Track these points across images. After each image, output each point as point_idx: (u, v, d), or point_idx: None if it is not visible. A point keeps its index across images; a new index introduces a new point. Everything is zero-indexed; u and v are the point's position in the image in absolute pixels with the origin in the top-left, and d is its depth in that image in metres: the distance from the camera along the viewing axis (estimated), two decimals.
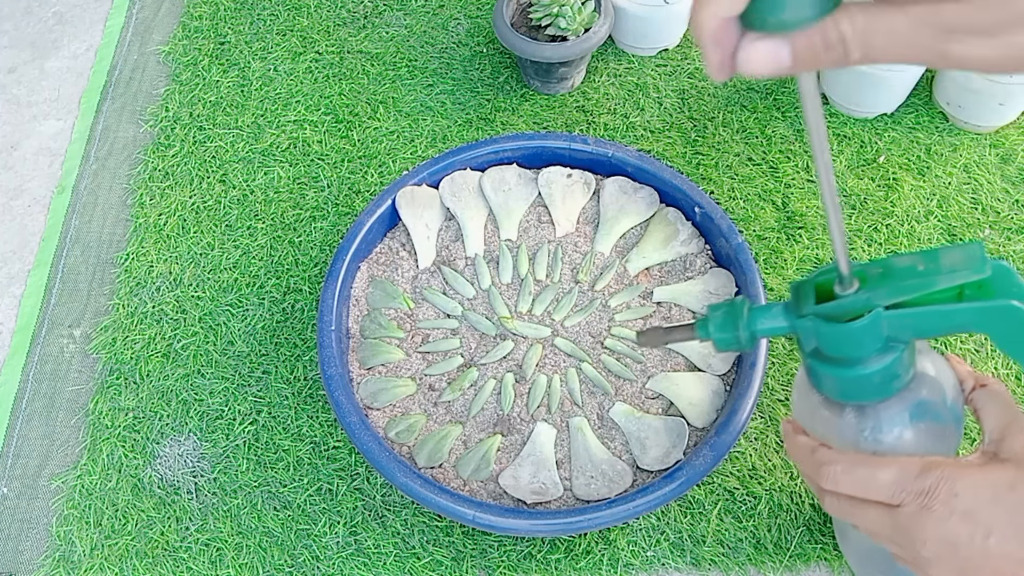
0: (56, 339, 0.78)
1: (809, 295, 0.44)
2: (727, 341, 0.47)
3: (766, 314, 0.46)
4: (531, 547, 0.66)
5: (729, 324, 0.46)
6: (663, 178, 0.75)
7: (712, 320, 0.47)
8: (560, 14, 0.83)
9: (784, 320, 0.45)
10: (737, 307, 0.46)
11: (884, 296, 0.41)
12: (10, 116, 0.94)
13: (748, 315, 0.46)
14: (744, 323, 0.46)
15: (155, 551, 0.67)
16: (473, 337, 0.72)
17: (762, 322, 0.45)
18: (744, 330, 0.46)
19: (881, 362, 0.43)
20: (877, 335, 0.42)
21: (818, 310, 0.43)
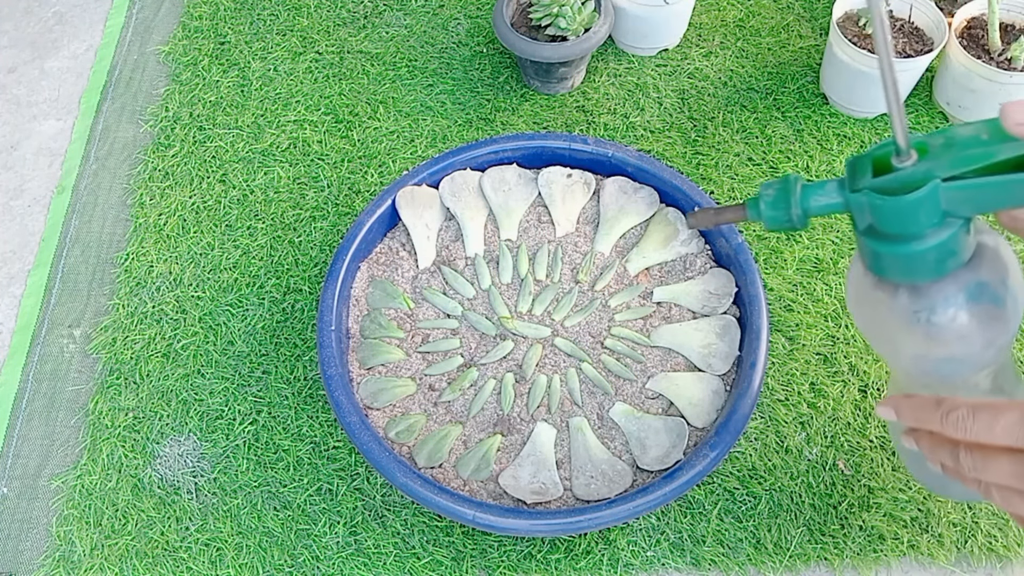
0: (56, 339, 0.78)
1: (865, 169, 0.42)
2: (779, 219, 0.45)
3: (819, 190, 0.44)
4: (531, 547, 0.66)
5: (781, 201, 0.45)
6: (663, 178, 0.75)
7: (764, 198, 0.45)
8: (560, 14, 0.83)
9: (838, 195, 0.43)
10: (790, 183, 0.45)
11: (944, 167, 0.39)
12: (10, 116, 0.94)
13: (801, 192, 0.44)
14: (797, 200, 0.44)
15: (155, 551, 0.67)
16: (473, 337, 0.72)
17: (815, 198, 0.44)
18: (797, 207, 0.44)
19: (937, 238, 0.41)
20: (934, 208, 0.40)
21: (874, 183, 0.41)
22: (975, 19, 0.84)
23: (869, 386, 0.72)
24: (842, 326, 0.75)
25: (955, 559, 0.65)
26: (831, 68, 0.86)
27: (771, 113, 0.89)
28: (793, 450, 0.69)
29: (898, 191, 0.40)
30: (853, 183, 0.43)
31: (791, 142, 0.86)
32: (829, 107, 0.89)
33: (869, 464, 0.69)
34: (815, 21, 0.96)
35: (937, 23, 0.83)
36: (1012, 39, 0.82)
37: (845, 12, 0.86)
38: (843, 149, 0.85)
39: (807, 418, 0.71)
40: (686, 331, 0.70)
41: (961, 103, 0.84)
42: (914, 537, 0.66)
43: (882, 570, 0.65)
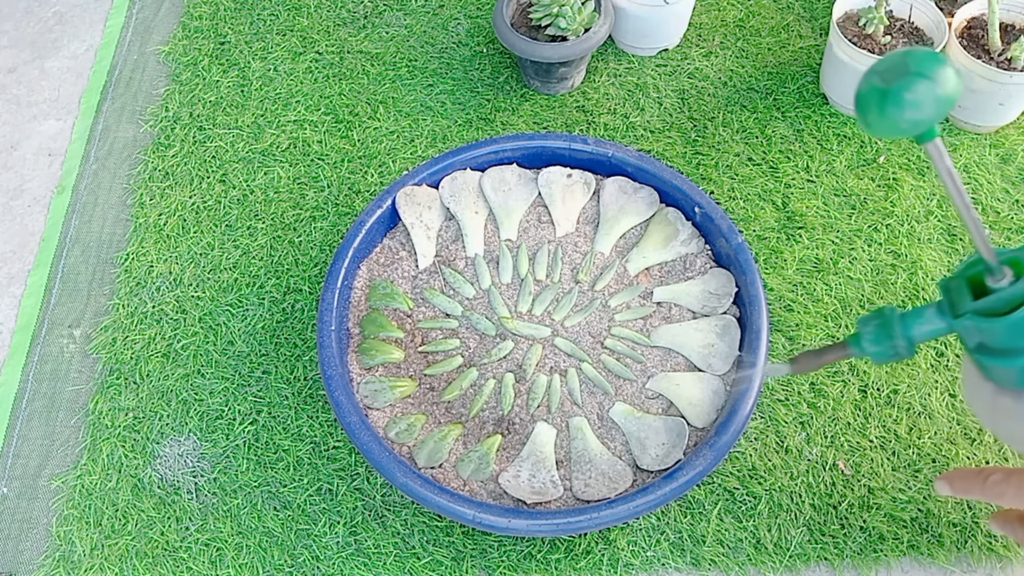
0: (56, 339, 0.78)
1: (963, 291, 0.43)
2: (884, 354, 0.46)
3: (920, 318, 0.44)
4: (531, 547, 0.66)
5: (884, 336, 0.45)
6: (663, 178, 0.75)
7: (865, 335, 0.46)
8: (560, 14, 0.83)
9: (941, 321, 0.44)
10: (888, 317, 0.45)
11: None
12: (10, 116, 0.94)
13: (901, 323, 0.45)
14: (900, 331, 0.45)
15: (155, 551, 0.67)
16: (473, 337, 0.72)
17: (918, 327, 0.44)
18: (901, 338, 0.45)
19: None
20: None
21: (977, 307, 0.42)
22: (975, 19, 0.84)
23: (869, 386, 0.72)
24: (842, 326, 0.75)
25: (955, 559, 0.65)
26: (831, 68, 0.86)
27: (771, 113, 0.89)
28: (793, 450, 0.69)
29: (1001, 310, 0.41)
30: (954, 308, 0.43)
31: (791, 142, 0.86)
32: (829, 107, 0.89)
33: (869, 464, 0.69)
34: (815, 21, 0.96)
35: (937, 23, 0.83)
36: (1012, 39, 0.82)
37: (845, 12, 0.86)
38: (843, 149, 0.85)
39: (807, 418, 0.71)
40: (686, 331, 0.70)
41: (961, 103, 0.84)
42: (914, 537, 0.66)
43: (882, 570, 0.65)
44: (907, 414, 0.71)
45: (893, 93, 0.38)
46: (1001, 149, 0.84)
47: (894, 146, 0.85)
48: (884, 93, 0.38)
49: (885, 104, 0.38)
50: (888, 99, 0.38)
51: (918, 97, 0.38)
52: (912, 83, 0.38)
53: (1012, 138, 0.85)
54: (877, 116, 0.39)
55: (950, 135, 0.86)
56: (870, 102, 0.39)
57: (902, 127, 0.39)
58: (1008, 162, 0.84)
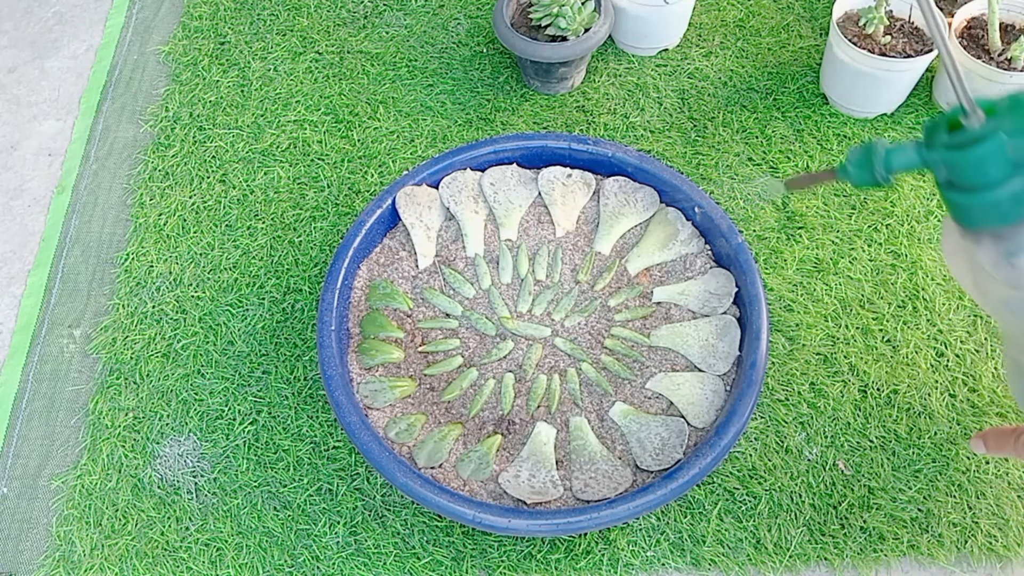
0: (56, 339, 0.78)
1: (940, 130, 0.47)
2: (865, 179, 0.50)
3: (899, 151, 0.48)
4: (531, 547, 0.66)
5: (866, 163, 0.49)
6: (663, 178, 0.75)
7: (851, 161, 0.50)
8: (560, 14, 0.83)
9: (916, 154, 0.48)
10: (872, 146, 0.49)
11: (1008, 124, 0.43)
12: (10, 116, 0.94)
13: (884, 153, 0.49)
14: (880, 160, 0.48)
15: (155, 551, 0.67)
16: (473, 337, 0.72)
17: (896, 158, 0.48)
18: (880, 166, 0.49)
19: (1011, 186, 0.44)
20: (1002, 158, 0.44)
21: (946, 141, 0.45)
22: (975, 19, 0.84)
23: (869, 386, 0.72)
24: (842, 326, 0.75)
25: (955, 559, 0.65)
26: (831, 68, 0.86)
27: (771, 113, 0.88)
28: (793, 450, 0.69)
29: (968, 145, 0.44)
30: (929, 142, 0.47)
31: (791, 142, 0.86)
32: (829, 107, 0.89)
33: (869, 464, 0.69)
34: (815, 21, 0.96)
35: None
36: (1012, 39, 0.82)
37: (845, 12, 0.86)
38: (843, 149, 0.85)
39: (807, 418, 0.71)
40: (686, 331, 0.70)
41: None
42: (914, 537, 0.66)
43: (882, 570, 0.65)
44: (907, 414, 0.71)
45: None
46: None
47: None
48: None
49: None
50: None
51: None
52: None
53: None
54: None
55: None
56: None
57: None
58: None
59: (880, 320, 0.75)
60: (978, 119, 0.44)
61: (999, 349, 0.73)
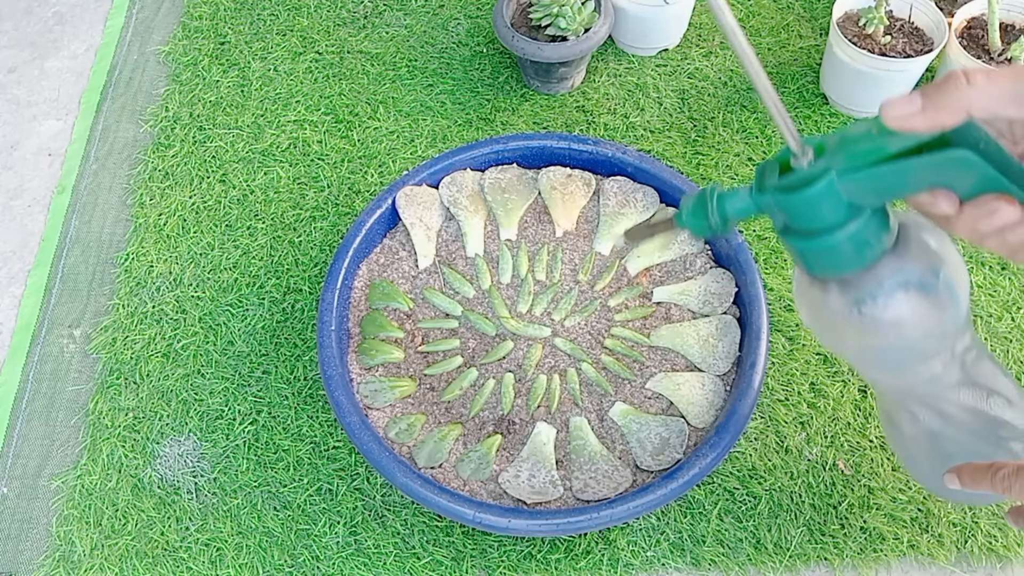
0: (56, 339, 0.78)
1: (772, 173, 0.44)
2: (701, 227, 0.48)
3: (732, 197, 0.46)
4: (531, 547, 0.66)
5: (700, 211, 0.47)
6: (663, 178, 0.75)
7: (684, 210, 0.49)
8: (560, 14, 0.83)
9: (749, 199, 0.46)
10: (706, 194, 0.47)
11: (840, 162, 0.41)
12: (10, 116, 0.94)
13: (716, 200, 0.47)
14: (713, 208, 0.47)
15: (155, 551, 0.67)
16: (473, 337, 0.72)
17: (730, 204, 0.46)
18: (714, 214, 0.47)
19: (848, 229, 0.42)
20: (836, 200, 0.41)
21: (776, 184, 0.43)
22: (975, 19, 0.84)
23: (869, 386, 0.72)
24: None
25: (955, 559, 0.65)
26: (831, 68, 0.86)
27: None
28: (793, 450, 0.69)
29: (798, 187, 0.41)
30: (760, 185, 0.45)
31: None
32: (829, 107, 0.89)
33: (869, 464, 0.69)
34: (815, 21, 0.96)
35: (937, 23, 0.83)
36: (1012, 39, 0.82)
37: (845, 12, 0.86)
38: None
39: (807, 418, 0.71)
40: (686, 331, 0.70)
41: None
42: (914, 537, 0.66)
43: (882, 570, 0.65)
44: None
45: None
46: None
47: None
48: None
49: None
50: None
51: None
52: None
53: None
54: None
55: None
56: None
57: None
58: None
59: None
60: (807, 159, 0.42)
61: None
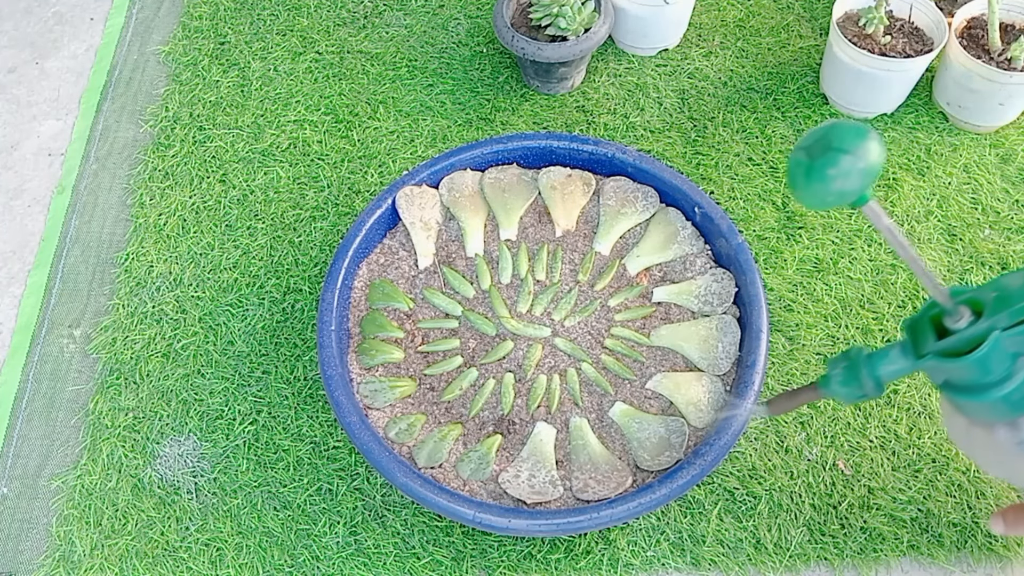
0: (56, 339, 0.78)
1: (926, 331, 0.44)
2: (853, 394, 0.47)
3: (886, 359, 0.46)
4: (531, 547, 0.66)
5: (852, 377, 0.47)
6: (663, 178, 0.75)
7: (834, 377, 0.48)
8: (560, 14, 0.83)
9: (905, 362, 0.45)
10: (855, 359, 0.47)
11: (1003, 321, 0.41)
12: (10, 116, 0.94)
13: (867, 365, 0.46)
14: (867, 372, 0.46)
15: (155, 551, 0.67)
16: (473, 337, 0.72)
17: (884, 367, 0.46)
18: (868, 379, 0.46)
19: (1016, 380, 0.42)
20: (1002, 356, 0.42)
21: (938, 347, 0.43)
22: (975, 19, 0.84)
23: None
24: (842, 326, 0.75)
25: (955, 559, 0.65)
26: (831, 68, 0.86)
27: (771, 113, 0.88)
28: (793, 450, 0.69)
29: (961, 350, 0.42)
30: (917, 348, 0.44)
31: (791, 142, 0.86)
32: (829, 107, 0.89)
33: (869, 464, 0.69)
34: (815, 21, 0.96)
35: (937, 23, 0.83)
36: (1012, 39, 0.82)
37: (845, 12, 0.86)
38: None
39: (807, 418, 0.71)
40: (686, 331, 0.70)
41: (961, 103, 0.84)
42: (914, 537, 0.65)
43: (882, 570, 0.65)
44: (907, 414, 0.71)
45: (817, 169, 0.39)
46: (1001, 149, 0.84)
47: (894, 147, 0.85)
48: (809, 168, 0.39)
49: (810, 179, 0.39)
50: (812, 174, 0.39)
51: (841, 171, 0.38)
52: (835, 159, 0.38)
53: (1012, 138, 0.85)
54: (804, 189, 0.40)
55: (950, 135, 0.86)
56: (797, 176, 0.40)
57: (828, 200, 0.40)
58: (1008, 162, 0.84)
59: (880, 320, 0.75)
60: (964, 319, 0.42)
61: None
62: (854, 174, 0.38)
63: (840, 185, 0.39)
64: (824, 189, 0.39)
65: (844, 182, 0.39)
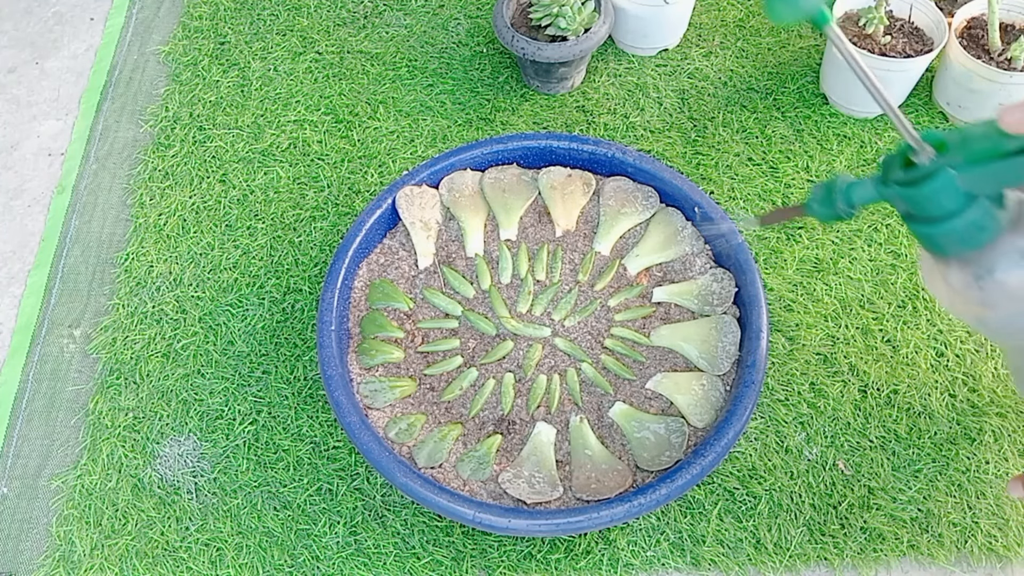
0: (56, 339, 0.78)
1: (896, 166, 0.48)
2: (829, 214, 0.52)
3: (859, 187, 0.51)
4: (531, 547, 0.66)
5: (828, 199, 0.52)
6: (663, 178, 0.75)
7: (813, 198, 0.53)
8: (560, 14, 0.83)
9: (873, 189, 0.50)
10: (833, 182, 0.52)
11: (959, 159, 0.45)
12: (10, 116, 0.94)
13: (843, 188, 0.51)
14: (841, 195, 0.51)
15: (155, 551, 0.67)
16: (473, 337, 0.72)
17: (856, 193, 0.50)
18: (841, 201, 0.51)
19: (968, 215, 0.46)
20: (954, 191, 0.45)
21: (900, 177, 0.47)
22: (975, 19, 0.84)
23: (869, 386, 0.72)
24: (842, 326, 0.75)
25: (955, 559, 0.65)
26: (831, 68, 0.86)
27: (771, 113, 0.88)
28: (793, 450, 0.69)
29: (920, 181, 0.46)
30: (885, 178, 0.49)
31: (791, 142, 0.86)
32: (829, 107, 0.89)
33: (869, 464, 0.69)
34: None
35: (937, 23, 0.83)
36: (1012, 39, 0.82)
37: (845, 12, 0.86)
38: (843, 149, 0.85)
39: (807, 418, 0.71)
40: (686, 331, 0.70)
41: (961, 103, 0.84)
42: (914, 537, 0.66)
43: (882, 570, 0.65)
44: (907, 414, 0.71)
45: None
46: None
47: (894, 147, 0.85)
48: None
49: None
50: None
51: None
52: None
53: None
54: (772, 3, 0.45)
55: None
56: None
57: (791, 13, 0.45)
58: None
59: (880, 320, 0.75)
60: (927, 155, 0.46)
61: (999, 350, 0.73)
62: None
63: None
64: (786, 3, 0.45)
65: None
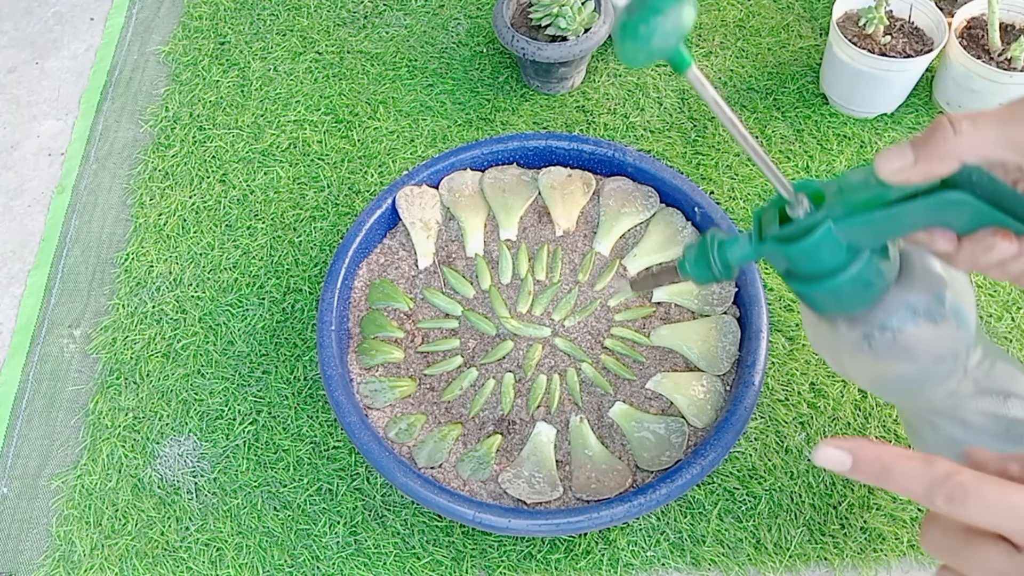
0: (56, 339, 0.78)
1: (772, 220, 0.45)
2: (704, 275, 0.49)
3: (733, 245, 0.47)
4: (531, 547, 0.66)
5: (702, 260, 0.48)
6: (663, 178, 0.75)
7: (687, 259, 0.49)
8: (560, 14, 0.83)
9: (749, 248, 0.46)
10: (707, 242, 0.48)
11: (838, 211, 0.41)
12: (10, 116, 0.94)
13: (718, 248, 0.47)
14: (716, 256, 0.47)
15: (155, 551, 0.67)
16: (473, 337, 0.72)
17: (731, 252, 0.47)
18: (716, 263, 0.47)
19: (851, 271, 0.43)
20: (836, 246, 0.42)
21: (777, 234, 0.44)
22: (975, 19, 0.84)
23: None
24: None
25: None
26: (831, 68, 0.86)
27: (771, 113, 0.89)
28: (793, 450, 0.69)
29: (799, 237, 0.42)
30: (760, 234, 0.45)
31: (791, 142, 0.86)
32: (829, 107, 0.89)
33: None
34: (815, 21, 0.96)
35: (937, 23, 0.83)
36: (1012, 39, 0.82)
37: (845, 12, 0.86)
38: (843, 149, 0.85)
39: (807, 418, 0.71)
40: (686, 331, 0.70)
41: (961, 103, 0.84)
42: (914, 537, 0.65)
43: (882, 570, 0.65)
44: None
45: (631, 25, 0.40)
46: None
47: None
48: (624, 26, 0.40)
49: (625, 36, 0.40)
50: (627, 31, 0.40)
51: (652, 30, 0.39)
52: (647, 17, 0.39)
53: None
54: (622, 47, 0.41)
55: None
56: (616, 34, 0.41)
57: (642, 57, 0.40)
58: None
59: None
60: (803, 207, 0.42)
61: None
62: (665, 33, 0.39)
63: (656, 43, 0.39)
64: (639, 46, 0.40)
65: (657, 40, 0.39)
